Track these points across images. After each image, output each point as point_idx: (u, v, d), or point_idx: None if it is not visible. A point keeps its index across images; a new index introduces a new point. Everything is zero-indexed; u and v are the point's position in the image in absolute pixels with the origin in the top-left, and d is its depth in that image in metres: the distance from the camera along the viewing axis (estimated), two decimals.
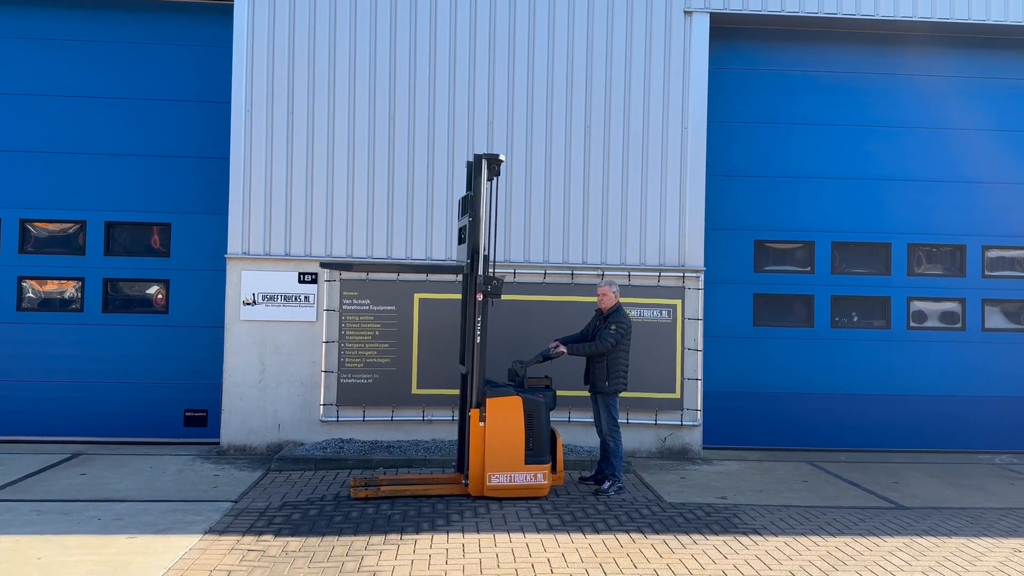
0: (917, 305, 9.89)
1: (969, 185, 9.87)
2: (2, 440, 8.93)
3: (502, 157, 7.20)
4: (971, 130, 9.87)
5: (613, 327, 7.36)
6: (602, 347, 7.33)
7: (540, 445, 7.05)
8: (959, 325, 9.90)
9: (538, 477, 7.00)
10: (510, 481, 6.95)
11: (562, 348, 7.45)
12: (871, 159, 9.81)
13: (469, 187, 7.30)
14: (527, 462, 6.98)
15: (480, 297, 7.05)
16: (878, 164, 9.81)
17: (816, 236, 9.81)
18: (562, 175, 8.98)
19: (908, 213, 9.83)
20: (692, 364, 9.02)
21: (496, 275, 7.21)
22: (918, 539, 6.22)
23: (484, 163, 7.10)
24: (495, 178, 7.21)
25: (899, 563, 5.64)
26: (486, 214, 7.10)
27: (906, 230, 9.84)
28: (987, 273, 9.94)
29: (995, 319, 9.95)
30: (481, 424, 6.97)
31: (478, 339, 7.05)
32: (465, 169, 8.82)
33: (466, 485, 7.02)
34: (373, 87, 8.88)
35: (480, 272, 7.04)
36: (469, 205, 7.23)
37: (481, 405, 7.01)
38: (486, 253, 7.09)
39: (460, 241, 7.63)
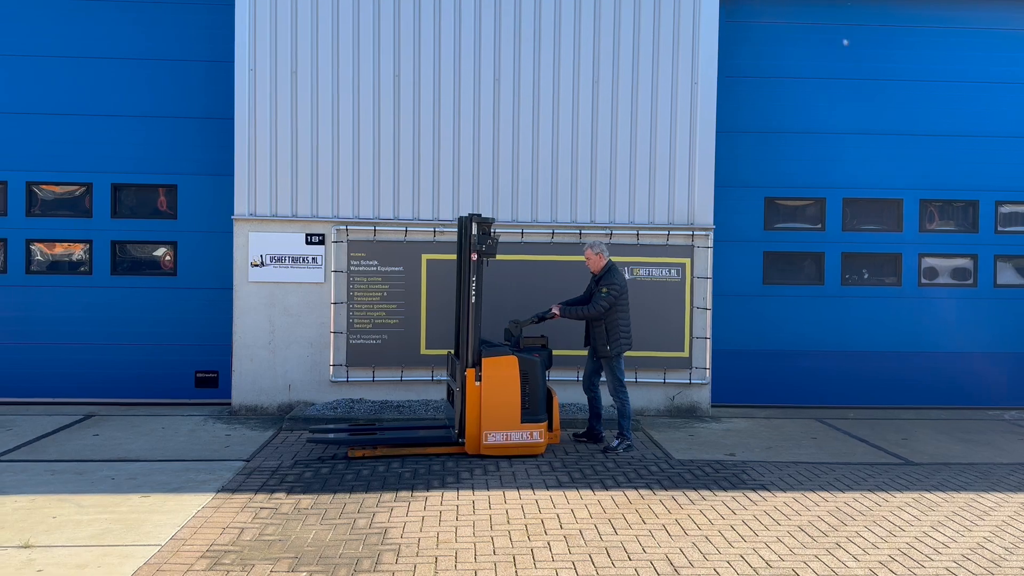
0: (928, 261, 9.81)
1: (983, 140, 9.72)
2: (16, 402, 9.02)
3: (493, 221, 7.13)
4: (986, 83, 9.69)
5: (604, 290, 7.26)
6: (595, 311, 7.25)
7: (536, 404, 7.07)
8: (971, 281, 9.82)
9: (534, 435, 7.02)
10: (506, 439, 6.99)
11: (555, 310, 7.41)
12: (882, 113, 9.66)
13: (460, 244, 7.19)
14: (523, 421, 7.00)
15: (475, 257, 7.01)
16: (890, 119, 9.66)
17: (827, 193, 9.70)
18: (570, 133, 8.87)
19: (920, 168, 9.70)
20: (701, 323, 9.00)
21: (492, 234, 7.09)
22: (927, 494, 6.23)
23: (474, 225, 6.99)
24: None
25: (908, 518, 5.66)
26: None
27: (918, 185, 9.73)
28: (1000, 229, 9.85)
29: (1007, 275, 9.87)
30: (477, 383, 6.99)
31: (473, 299, 7.02)
32: (472, 129, 8.79)
33: (462, 444, 7.06)
34: (377, 45, 8.75)
35: (474, 232, 6.98)
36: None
37: (477, 364, 7.02)
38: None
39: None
